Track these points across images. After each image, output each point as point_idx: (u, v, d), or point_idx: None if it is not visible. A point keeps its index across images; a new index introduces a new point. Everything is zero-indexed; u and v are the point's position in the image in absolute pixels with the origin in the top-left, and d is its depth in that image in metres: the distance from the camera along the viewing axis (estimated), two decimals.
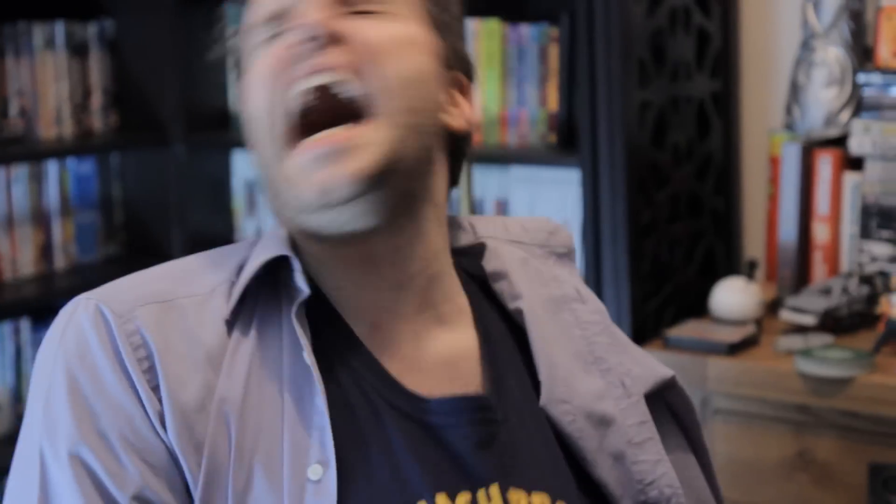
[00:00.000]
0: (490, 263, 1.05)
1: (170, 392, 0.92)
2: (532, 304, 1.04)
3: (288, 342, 0.94)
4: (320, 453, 0.90)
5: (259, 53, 0.97)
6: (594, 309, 1.07)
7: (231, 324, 0.95)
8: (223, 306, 0.96)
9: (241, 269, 0.99)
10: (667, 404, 1.06)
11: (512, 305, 1.04)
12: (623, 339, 1.09)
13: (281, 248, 0.96)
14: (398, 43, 0.95)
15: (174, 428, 0.91)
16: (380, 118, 0.93)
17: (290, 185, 0.94)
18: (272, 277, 0.97)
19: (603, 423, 1.00)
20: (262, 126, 0.95)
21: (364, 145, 0.92)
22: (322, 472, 0.89)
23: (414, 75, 0.95)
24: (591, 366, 1.03)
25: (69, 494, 0.90)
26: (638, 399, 1.03)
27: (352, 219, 0.93)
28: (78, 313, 0.95)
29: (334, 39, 0.93)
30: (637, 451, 1.00)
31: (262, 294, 0.96)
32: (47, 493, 0.91)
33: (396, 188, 0.93)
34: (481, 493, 0.92)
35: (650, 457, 1.01)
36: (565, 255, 1.11)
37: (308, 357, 0.92)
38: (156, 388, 0.92)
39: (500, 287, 1.05)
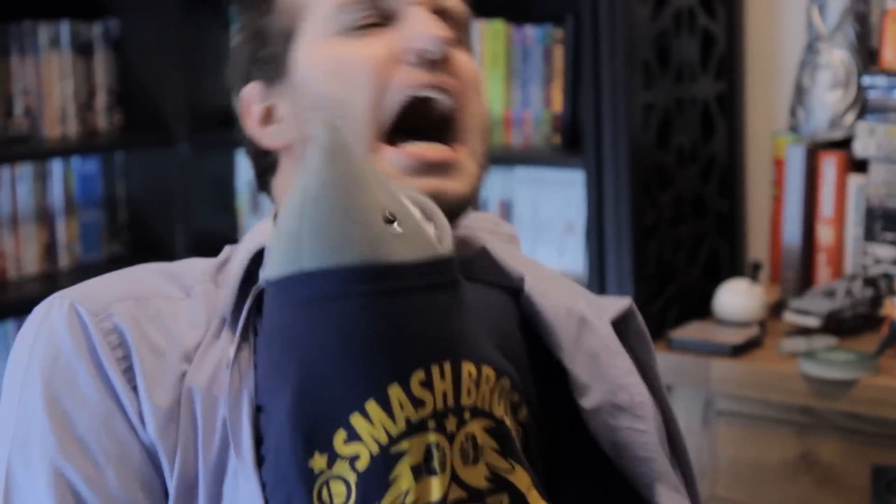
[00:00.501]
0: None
1: (148, 391, 0.92)
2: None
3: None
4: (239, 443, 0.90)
5: (353, 37, 0.98)
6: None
7: (224, 321, 0.96)
8: (198, 312, 0.96)
9: (222, 265, 1.00)
10: (624, 336, 1.06)
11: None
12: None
13: (263, 240, 0.97)
14: (478, 80, 1.02)
15: (153, 426, 0.91)
16: (467, 149, 0.99)
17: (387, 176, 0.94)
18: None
19: (582, 322, 1.01)
20: (353, 114, 0.97)
21: (463, 169, 0.99)
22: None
23: (488, 116, 1.03)
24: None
25: None
26: (607, 323, 1.04)
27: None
28: (52, 314, 0.94)
29: (447, 61, 0.98)
30: (612, 356, 1.02)
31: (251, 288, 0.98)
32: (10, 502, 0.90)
33: (461, 219, 1.02)
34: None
35: (623, 365, 1.02)
36: (510, 242, 1.14)
37: (231, 360, 0.93)
38: (135, 388, 0.92)
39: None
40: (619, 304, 1.07)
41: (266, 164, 1.06)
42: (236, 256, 1.00)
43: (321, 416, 0.86)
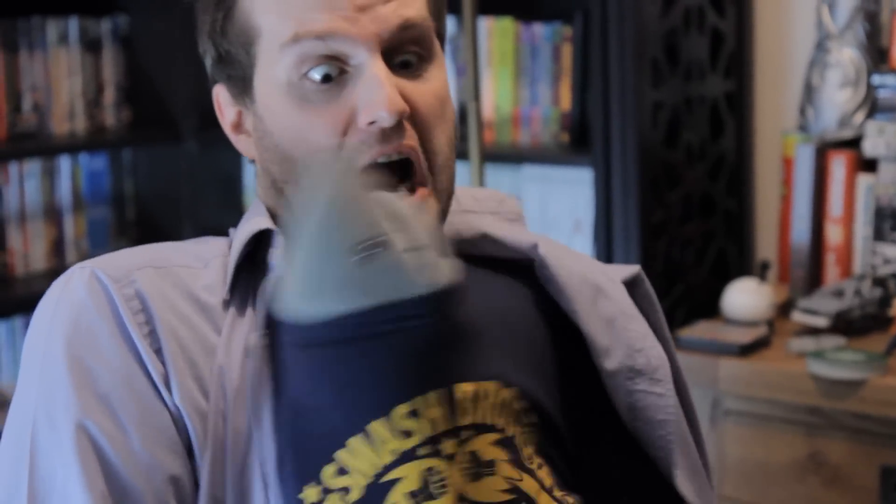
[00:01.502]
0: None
1: (172, 355, 0.92)
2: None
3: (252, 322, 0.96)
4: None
5: (309, 101, 0.97)
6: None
7: (227, 302, 0.97)
8: (218, 280, 0.97)
9: (230, 246, 1.00)
10: (633, 299, 1.08)
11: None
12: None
13: (263, 222, 0.98)
14: (443, 101, 1.00)
15: (179, 391, 0.92)
16: (429, 189, 0.98)
17: None
18: (262, 252, 0.99)
19: (596, 288, 1.03)
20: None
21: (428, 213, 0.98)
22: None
23: (453, 138, 1.01)
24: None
25: (67, 468, 0.90)
26: (619, 283, 1.06)
27: None
28: (73, 281, 0.95)
29: (402, 123, 0.96)
30: (628, 320, 1.03)
31: (256, 268, 0.98)
32: (36, 467, 0.91)
33: None
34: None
35: (639, 328, 1.03)
36: (516, 222, 1.14)
37: (258, 347, 0.93)
38: (158, 351, 0.93)
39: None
40: (628, 268, 1.09)
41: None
42: (236, 239, 1.00)
43: (309, 451, 0.88)
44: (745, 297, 1.92)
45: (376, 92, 0.95)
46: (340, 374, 0.88)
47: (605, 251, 2.04)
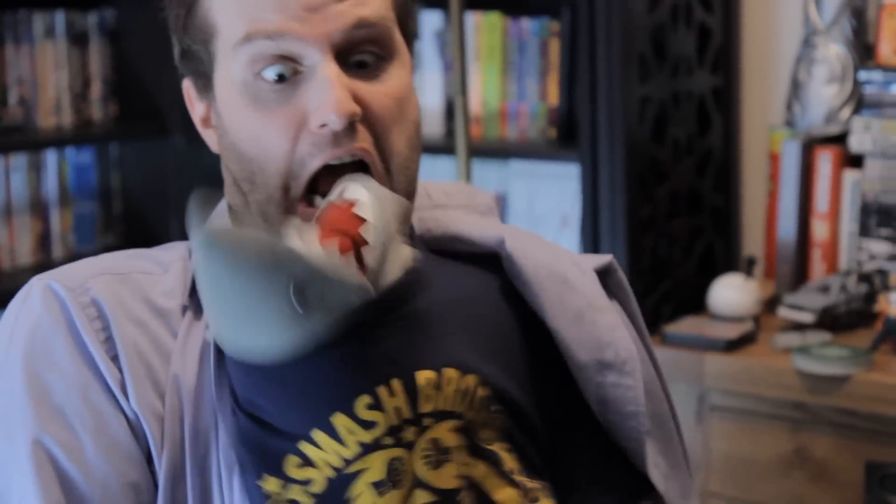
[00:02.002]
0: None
1: (129, 361, 0.93)
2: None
3: None
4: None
5: (262, 102, 0.97)
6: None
7: (185, 307, 0.97)
8: (178, 284, 0.98)
9: (191, 252, 1.00)
10: (607, 288, 1.08)
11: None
12: None
13: (225, 225, 0.99)
14: (402, 102, 0.98)
15: (135, 395, 0.92)
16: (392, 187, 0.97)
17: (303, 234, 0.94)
18: None
19: (563, 281, 1.03)
20: (266, 179, 0.97)
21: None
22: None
23: (415, 137, 1.00)
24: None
25: (23, 480, 0.90)
26: (591, 273, 1.05)
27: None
28: (31, 295, 0.96)
29: (354, 125, 0.95)
30: (596, 312, 1.03)
31: None
32: None
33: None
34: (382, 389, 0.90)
35: (608, 320, 1.03)
36: (487, 215, 1.14)
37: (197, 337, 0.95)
38: (115, 358, 0.93)
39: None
40: (600, 258, 1.09)
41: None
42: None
43: (268, 444, 0.89)
44: (731, 293, 1.92)
45: (326, 94, 0.94)
46: (294, 378, 0.89)
47: (592, 246, 2.04)
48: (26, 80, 2.51)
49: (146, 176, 2.70)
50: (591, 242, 2.04)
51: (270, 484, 0.90)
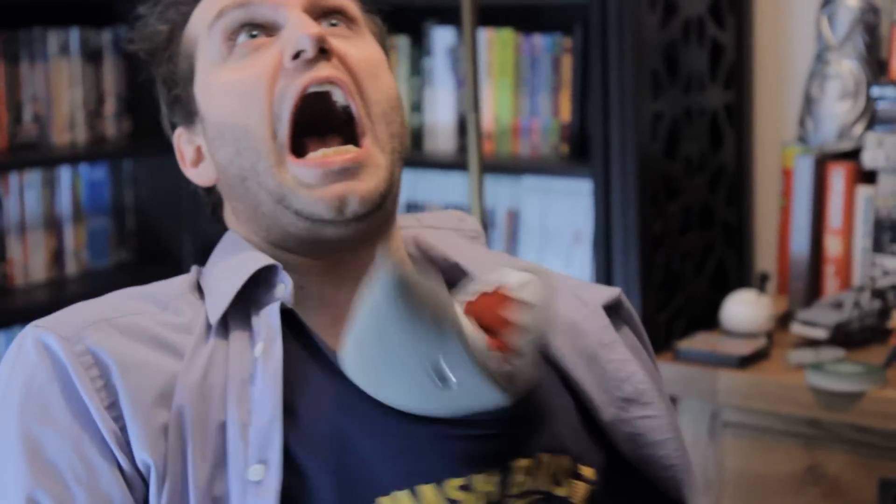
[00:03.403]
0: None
1: (133, 405, 0.92)
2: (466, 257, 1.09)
3: (252, 340, 0.96)
4: (261, 452, 0.90)
5: (237, 59, 1.00)
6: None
7: (207, 327, 0.97)
8: (181, 320, 0.97)
9: (195, 286, 1.01)
10: (617, 317, 1.10)
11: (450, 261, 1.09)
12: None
13: (261, 258, 0.99)
14: (376, 64, 1.01)
15: (143, 441, 0.91)
16: (375, 140, 0.99)
17: (298, 195, 0.97)
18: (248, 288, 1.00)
19: (573, 325, 1.04)
20: (251, 134, 0.98)
21: (372, 167, 0.98)
22: (263, 473, 0.89)
23: (394, 99, 1.02)
24: None
25: None
26: (596, 308, 1.07)
27: (359, 233, 0.98)
28: (25, 346, 0.96)
29: (329, 55, 0.98)
30: (608, 351, 1.04)
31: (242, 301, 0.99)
32: None
33: (390, 208, 1.02)
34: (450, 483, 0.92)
35: (619, 356, 1.05)
36: (476, 238, 1.16)
37: (277, 352, 0.94)
38: (113, 405, 0.92)
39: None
40: (608, 291, 1.10)
41: (214, 201, 1.09)
42: (233, 272, 1.00)
43: (352, 485, 0.90)
44: (744, 309, 1.92)
45: (298, 27, 0.97)
46: (401, 437, 0.91)
47: (605, 262, 2.04)
48: (41, 97, 2.53)
49: (159, 192, 2.71)
50: (604, 258, 2.04)
51: None
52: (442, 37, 2.41)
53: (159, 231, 2.72)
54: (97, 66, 2.63)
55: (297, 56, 0.97)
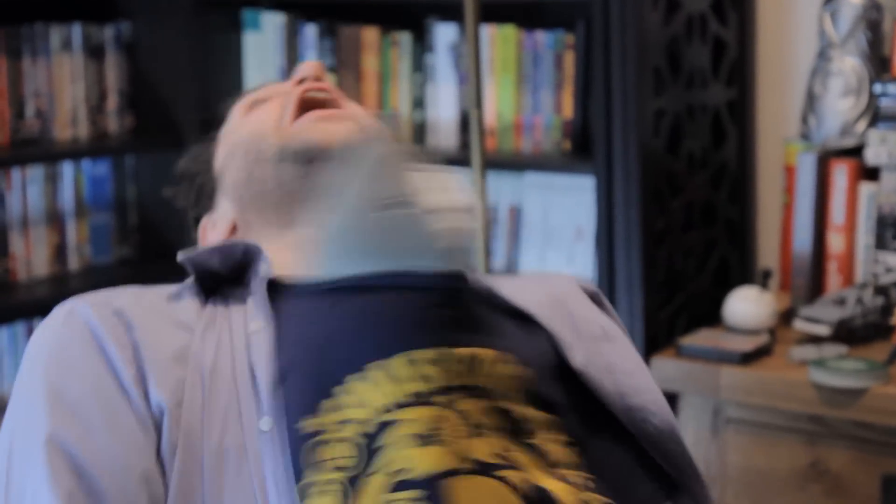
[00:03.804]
0: None
1: (150, 353, 0.98)
2: None
3: (247, 313, 1.03)
4: (267, 405, 0.95)
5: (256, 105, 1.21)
6: None
7: (204, 302, 1.06)
8: (190, 300, 1.06)
9: (192, 284, 1.10)
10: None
11: None
12: None
13: (239, 244, 1.10)
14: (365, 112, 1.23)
15: (157, 384, 0.97)
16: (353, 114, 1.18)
17: (297, 137, 1.13)
18: (235, 271, 1.09)
19: (541, 280, 1.14)
20: (259, 132, 1.16)
21: (352, 118, 1.16)
22: (272, 423, 0.94)
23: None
24: None
25: (36, 473, 0.94)
26: (564, 276, 1.20)
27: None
28: (55, 314, 1.03)
29: (325, 72, 1.20)
30: (574, 301, 1.14)
31: (231, 283, 1.08)
32: (11, 480, 0.96)
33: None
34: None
35: (585, 305, 1.15)
36: None
37: (267, 328, 1.00)
38: (134, 357, 0.98)
39: None
40: (585, 284, 1.20)
41: None
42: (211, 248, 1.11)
43: (328, 377, 0.93)
44: (746, 306, 1.92)
45: (300, 66, 1.20)
46: (372, 312, 0.96)
47: (607, 259, 2.04)
48: (43, 93, 2.53)
49: (161, 188, 2.70)
50: (606, 255, 2.04)
51: (308, 425, 0.92)
52: (444, 33, 2.41)
53: (161, 227, 2.72)
54: (99, 62, 2.63)
55: (300, 82, 1.18)
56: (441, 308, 0.96)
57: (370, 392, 0.92)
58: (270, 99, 1.21)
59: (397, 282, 0.96)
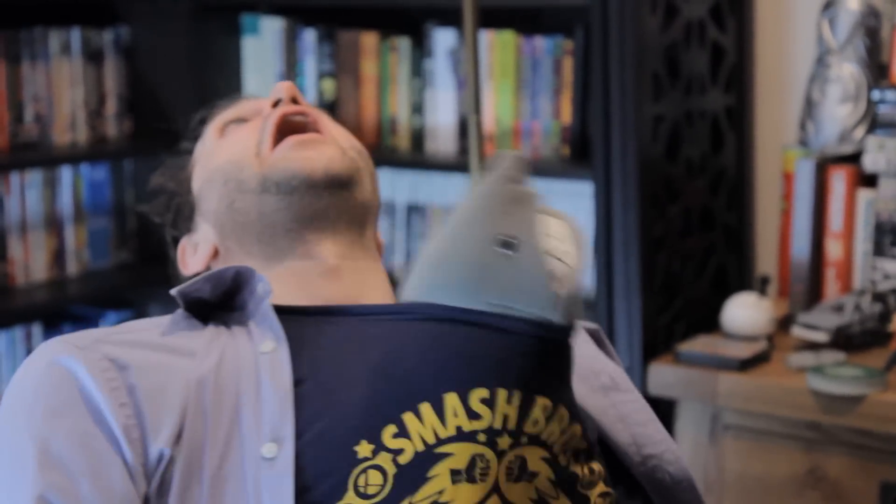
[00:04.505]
0: None
1: (149, 395, 0.96)
2: None
3: (252, 334, 1.02)
4: (274, 432, 0.94)
5: (227, 136, 1.20)
6: None
7: (201, 326, 1.04)
8: (186, 328, 1.04)
9: (186, 313, 1.08)
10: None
11: None
12: None
13: (231, 269, 1.08)
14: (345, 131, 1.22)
15: (158, 428, 0.95)
16: (335, 141, 1.16)
17: (277, 167, 1.11)
18: (224, 297, 1.08)
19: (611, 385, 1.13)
20: (237, 160, 1.14)
21: (332, 144, 1.15)
22: (276, 451, 0.93)
23: (357, 146, 1.20)
24: None
25: None
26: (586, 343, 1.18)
27: (331, 205, 1.12)
28: (35, 359, 1.01)
29: (301, 104, 1.18)
30: (580, 347, 1.10)
31: (220, 309, 1.07)
32: None
33: (358, 199, 1.16)
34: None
35: (589, 352, 1.15)
36: None
37: (282, 347, 0.99)
38: (128, 403, 0.96)
39: None
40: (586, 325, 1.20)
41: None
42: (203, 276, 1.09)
43: (376, 410, 0.93)
44: (744, 312, 1.92)
45: (275, 87, 1.18)
46: (438, 345, 0.94)
47: (605, 265, 2.04)
48: (42, 97, 2.53)
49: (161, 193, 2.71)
50: (605, 261, 2.04)
51: (363, 449, 0.92)
52: (443, 38, 2.41)
53: (160, 231, 2.71)
54: (98, 66, 2.63)
55: (275, 104, 1.16)
56: (523, 357, 0.94)
57: (420, 427, 0.92)
58: (246, 120, 1.19)
59: (483, 319, 0.94)
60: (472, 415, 0.92)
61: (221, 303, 1.07)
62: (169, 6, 2.59)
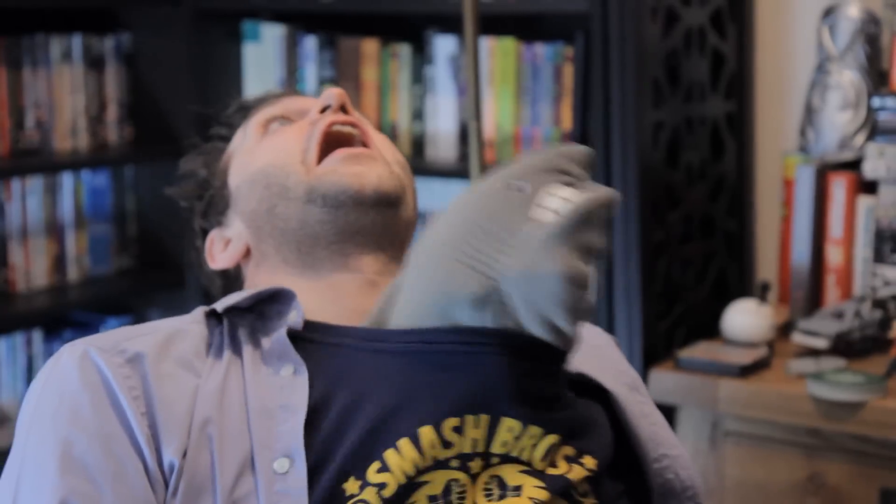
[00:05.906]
0: None
1: (164, 407, 0.97)
2: None
3: (271, 353, 1.02)
4: (286, 448, 0.94)
5: (271, 135, 1.17)
6: None
7: (209, 344, 1.03)
8: (196, 342, 1.03)
9: (208, 314, 1.07)
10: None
11: None
12: None
13: (269, 288, 1.08)
14: (388, 141, 1.21)
15: (167, 441, 0.95)
16: (382, 156, 1.15)
17: (324, 180, 1.10)
18: (248, 311, 1.07)
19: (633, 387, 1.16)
20: (282, 165, 1.12)
21: (379, 159, 1.14)
22: (289, 465, 0.94)
23: (402, 161, 1.19)
24: None
25: None
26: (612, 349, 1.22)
27: (376, 222, 1.12)
28: (62, 358, 1.00)
29: (349, 112, 1.17)
30: (601, 350, 1.18)
31: (241, 321, 1.06)
32: None
33: (404, 218, 1.17)
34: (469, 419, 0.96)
35: (612, 355, 1.20)
36: None
37: (300, 370, 0.99)
38: (147, 413, 0.96)
39: None
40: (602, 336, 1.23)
41: (234, 284, 1.20)
42: (239, 294, 1.08)
43: (359, 449, 0.94)
44: (745, 318, 1.92)
45: (325, 93, 1.17)
46: (415, 378, 0.96)
47: (606, 271, 2.04)
48: (43, 104, 2.53)
49: (161, 198, 2.70)
50: (605, 267, 2.04)
51: (350, 486, 0.94)
52: (443, 45, 2.41)
53: (161, 237, 2.72)
54: (99, 73, 2.63)
55: (324, 110, 1.15)
56: (490, 381, 0.96)
57: (401, 461, 0.94)
58: (290, 120, 1.17)
59: (452, 349, 0.96)
60: (446, 444, 0.94)
61: (249, 306, 1.07)
62: (170, 13, 2.59)
